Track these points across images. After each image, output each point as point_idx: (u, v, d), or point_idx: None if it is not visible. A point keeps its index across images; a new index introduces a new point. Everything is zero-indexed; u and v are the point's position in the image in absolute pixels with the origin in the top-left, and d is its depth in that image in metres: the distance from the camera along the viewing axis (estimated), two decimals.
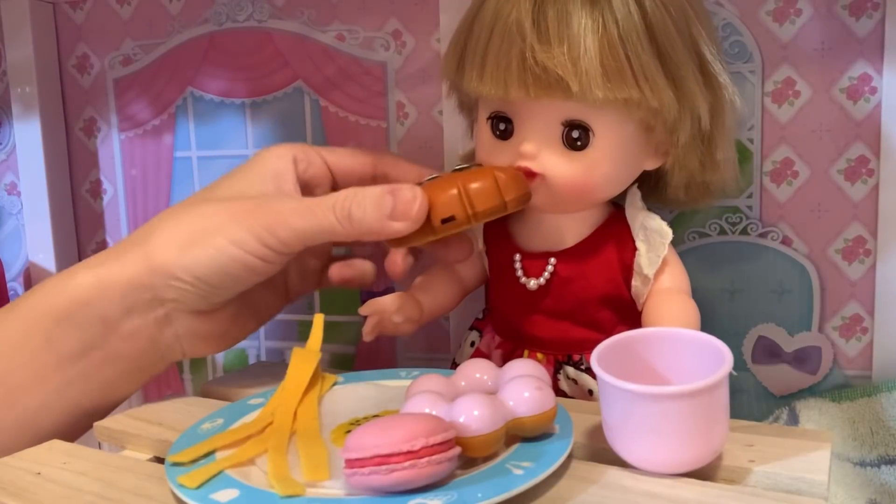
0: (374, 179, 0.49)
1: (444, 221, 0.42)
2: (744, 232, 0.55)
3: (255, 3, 0.64)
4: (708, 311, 0.55)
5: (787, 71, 0.53)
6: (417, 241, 0.43)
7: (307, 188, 0.48)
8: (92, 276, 0.43)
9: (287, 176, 0.46)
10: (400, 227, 0.41)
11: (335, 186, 0.49)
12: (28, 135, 0.70)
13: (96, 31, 0.70)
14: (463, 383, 0.38)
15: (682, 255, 0.47)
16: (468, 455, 0.33)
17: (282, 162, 0.46)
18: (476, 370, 0.39)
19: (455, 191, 0.41)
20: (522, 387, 0.35)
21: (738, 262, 0.55)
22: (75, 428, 0.45)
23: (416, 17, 0.60)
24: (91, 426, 0.45)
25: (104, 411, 0.46)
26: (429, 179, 0.44)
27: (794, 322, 0.54)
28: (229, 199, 0.44)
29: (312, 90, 0.64)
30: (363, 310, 0.47)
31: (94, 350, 0.43)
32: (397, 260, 0.48)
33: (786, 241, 0.54)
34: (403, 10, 0.61)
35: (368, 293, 0.63)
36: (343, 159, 0.49)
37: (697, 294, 0.46)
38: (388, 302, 0.47)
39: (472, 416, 0.33)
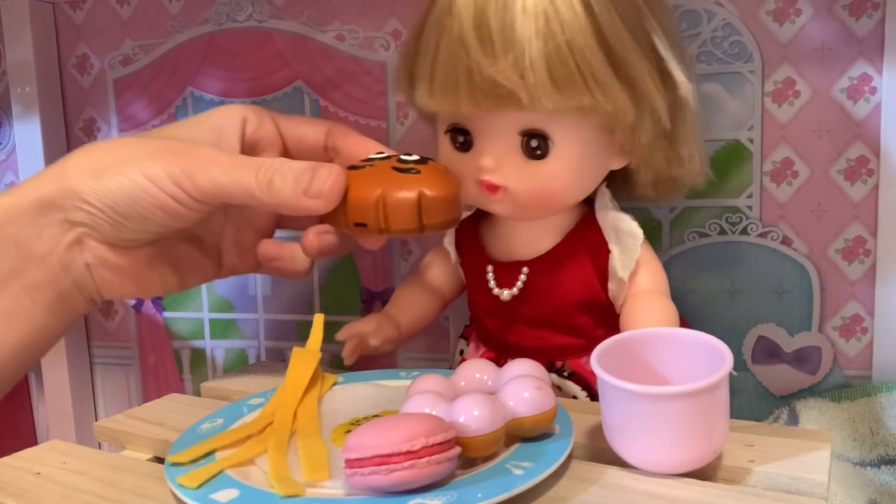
0: (325, 150, 0.49)
1: (357, 225, 0.41)
2: (744, 232, 0.55)
3: (255, 3, 0.64)
4: (708, 311, 0.55)
5: (787, 71, 0.53)
6: (337, 226, 0.42)
7: (254, 149, 0.47)
8: (8, 198, 0.42)
9: (230, 132, 0.46)
10: (313, 203, 0.40)
11: (286, 153, 0.49)
12: (28, 135, 0.70)
13: (96, 31, 0.70)
14: (463, 383, 0.38)
15: (682, 255, 0.47)
16: (468, 455, 0.33)
17: (229, 119, 0.46)
18: (476, 370, 0.39)
19: (374, 197, 0.40)
20: (522, 387, 0.35)
21: (738, 262, 0.55)
22: (5, 372, 0.43)
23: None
24: (23, 374, 0.44)
25: (32, 354, 0.44)
26: (370, 160, 0.42)
27: (794, 322, 0.54)
28: (156, 137, 0.44)
29: (312, 90, 0.64)
30: (340, 335, 0.48)
31: (12, 279, 0.42)
32: (311, 239, 0.46)
33: (786, 241, 0.54)
34: (403, 10, 0.60)
35: (368, 292, 0.63)
36: (295, 126, 0.49)
37: (697, 294, 0.46)
38: (364, 325, 0.47)
39: (472, 416, 0.33)
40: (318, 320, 0.46)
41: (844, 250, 0.53)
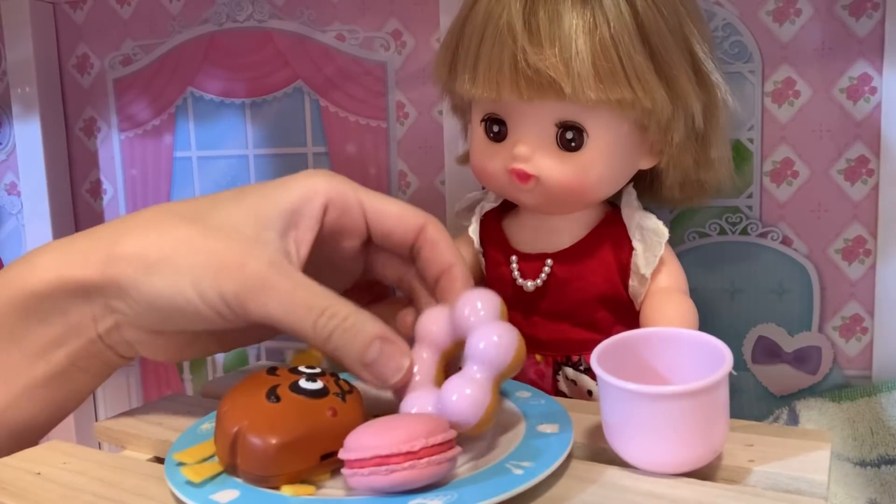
0: (411, 251, 0.43)
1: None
2: (744, 232, 0.55)
3: (255, 3, 0.64)
4: (708, 311, 0.55)
5: (787, 71, 0.53)
6: None
7: (332, 237, 0.42)
8: (53, 271, 0.40)
9: (308, 216, 0.40)
10: (373, 382, 0.37)
11: (367, 241, 0.43)
12: (28, 135, 0.70)
13: (96, 31, 0.70)
14: (467, 311, 0.37)
15: (682, 255, 0.47)
16: (471, 434, 0.34)
17: (310, 203, 0.40)
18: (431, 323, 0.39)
19: (231, 436, 0.33)
20: (489, 332, 0.35)
21: (738, 262, 0.55)
22: (48, 426, 0.44)
23: (416, 17, 0.60)
24: (64, 417, 0.44)
25: (72, 407, 0.44)
26: (310, 376, 0.36)
27: (794, 322, 0.54)
28: (222, 230, 0.39)
29: (312, 90, 0.64)
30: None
31: (58, 349, 0.41)
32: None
33: (786, 241, 0.54)
34: (403, 10, 0.61)
35: None
36: (385, 219, 0.42)
37: (697, 294, 0.46)
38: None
39: (464, 394, 0.33)
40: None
41: (844, 250, 0.53)
